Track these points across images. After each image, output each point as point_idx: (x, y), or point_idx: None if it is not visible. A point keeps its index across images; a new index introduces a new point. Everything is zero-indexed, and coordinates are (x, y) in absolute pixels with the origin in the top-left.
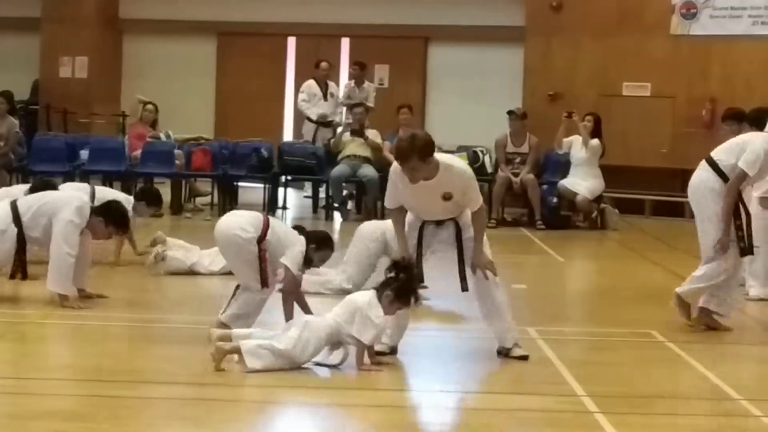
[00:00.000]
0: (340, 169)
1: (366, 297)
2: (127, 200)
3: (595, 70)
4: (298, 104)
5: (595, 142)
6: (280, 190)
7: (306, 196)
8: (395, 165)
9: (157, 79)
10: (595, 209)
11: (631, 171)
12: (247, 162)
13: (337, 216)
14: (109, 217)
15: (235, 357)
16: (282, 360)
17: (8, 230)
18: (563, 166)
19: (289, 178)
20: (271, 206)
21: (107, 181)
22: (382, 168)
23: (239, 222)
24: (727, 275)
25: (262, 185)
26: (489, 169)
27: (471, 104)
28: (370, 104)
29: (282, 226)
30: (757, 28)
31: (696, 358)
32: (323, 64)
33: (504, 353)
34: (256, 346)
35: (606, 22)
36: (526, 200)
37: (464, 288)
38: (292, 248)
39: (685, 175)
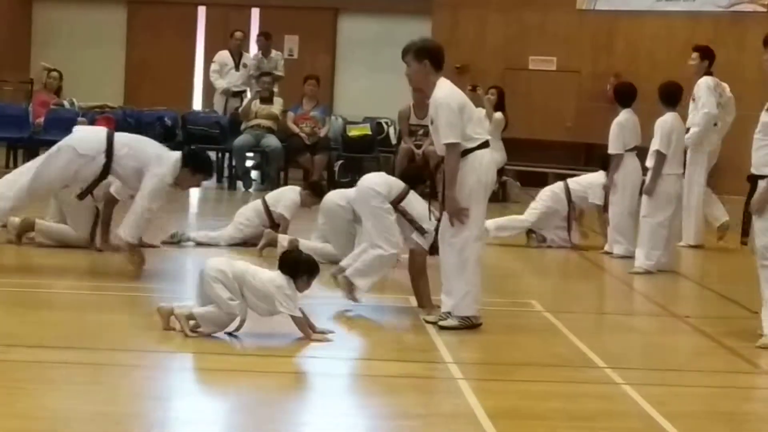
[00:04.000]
0: (243, 139)
1: (282, 280)
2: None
3: (502, 43)
4: (210, 75)
5: (499, 115)
6: None
7: None
8: None
9: (67, 47)
10: (497, 182)
11: (536, 144)
12: (151, 131)
13: (240, 185)
14: (197, 164)
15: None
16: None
17: (97, 159)
18: None
19: (192, 147)
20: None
21: (11, 148)
22: (286, 138)
23: (377, 180)
24: None
25: None
26: (393, 141)
27: (379, 76)
28: (280, 73)
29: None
30: (662, 4)
31: (569, 327)
32: (237, 34)
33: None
34: (205, 310)
35: None
36: (429, 172)
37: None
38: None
39: (589, 149)
